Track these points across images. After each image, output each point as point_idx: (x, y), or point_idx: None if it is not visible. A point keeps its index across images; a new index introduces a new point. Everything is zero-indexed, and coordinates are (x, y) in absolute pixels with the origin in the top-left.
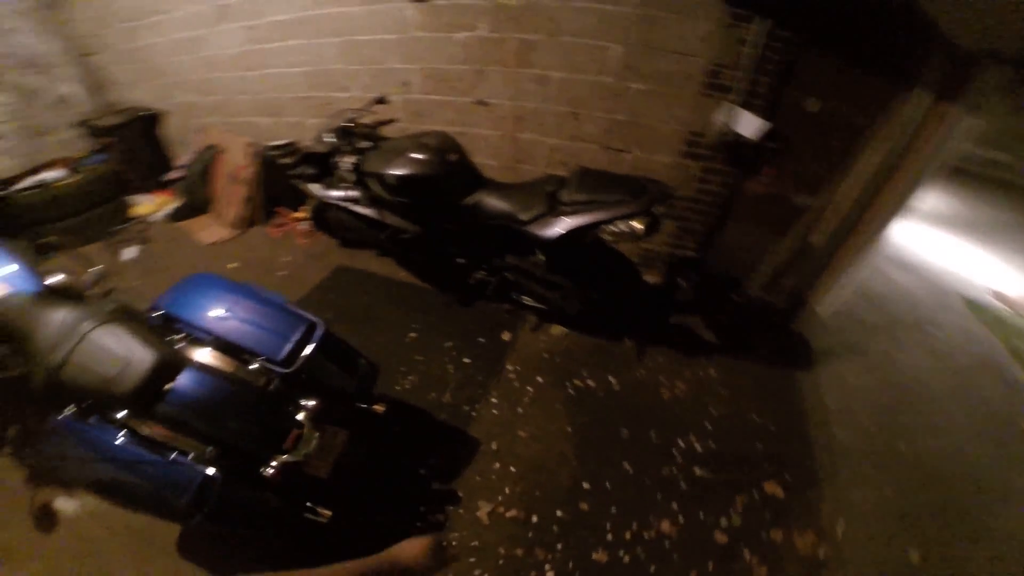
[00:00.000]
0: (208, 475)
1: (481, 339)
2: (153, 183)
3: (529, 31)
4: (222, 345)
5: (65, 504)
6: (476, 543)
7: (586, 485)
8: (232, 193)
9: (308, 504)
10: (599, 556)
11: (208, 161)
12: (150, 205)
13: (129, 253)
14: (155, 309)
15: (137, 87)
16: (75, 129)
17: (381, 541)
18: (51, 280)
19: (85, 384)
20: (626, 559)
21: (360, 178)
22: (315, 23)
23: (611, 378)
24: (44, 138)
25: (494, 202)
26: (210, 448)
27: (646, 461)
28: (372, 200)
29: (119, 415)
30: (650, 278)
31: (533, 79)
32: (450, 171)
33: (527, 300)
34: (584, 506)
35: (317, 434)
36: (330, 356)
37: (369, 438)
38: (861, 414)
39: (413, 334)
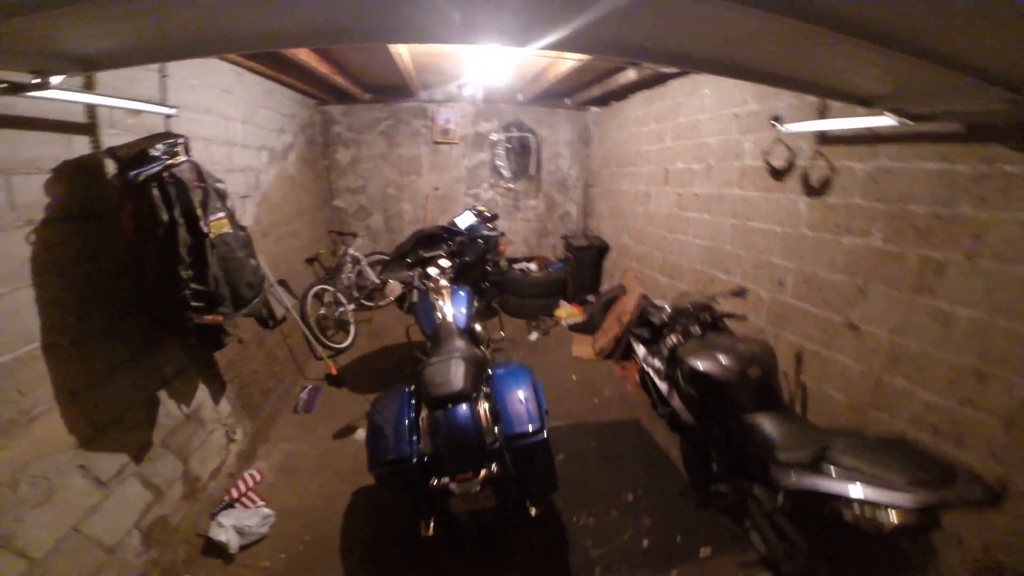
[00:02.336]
0: (408, 456)
1: (679, 537)
2: (579, 297)
3: (939, 248)
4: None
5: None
6: None
7: None
8: (611, 328)
9: (429, 514)
10: None
11: (612, 297)
12: (566, 312)
13: (532, 336)
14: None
15: (605, 221)
16: (559, 240)
17: None
18: (475, 326)
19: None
20: None
21: (672, 356)
22: (721, 201)
23: None
24: (544, 239)
25: (766, 428)
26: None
27: None
28: (669, 377)
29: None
30: None
31: (929, 312)
32: (743, 384)
33: (753, 536)
34: None
35: (479, 488)
36: (535, 458)
37: (504, 520)
38: None
39: (630, 496)
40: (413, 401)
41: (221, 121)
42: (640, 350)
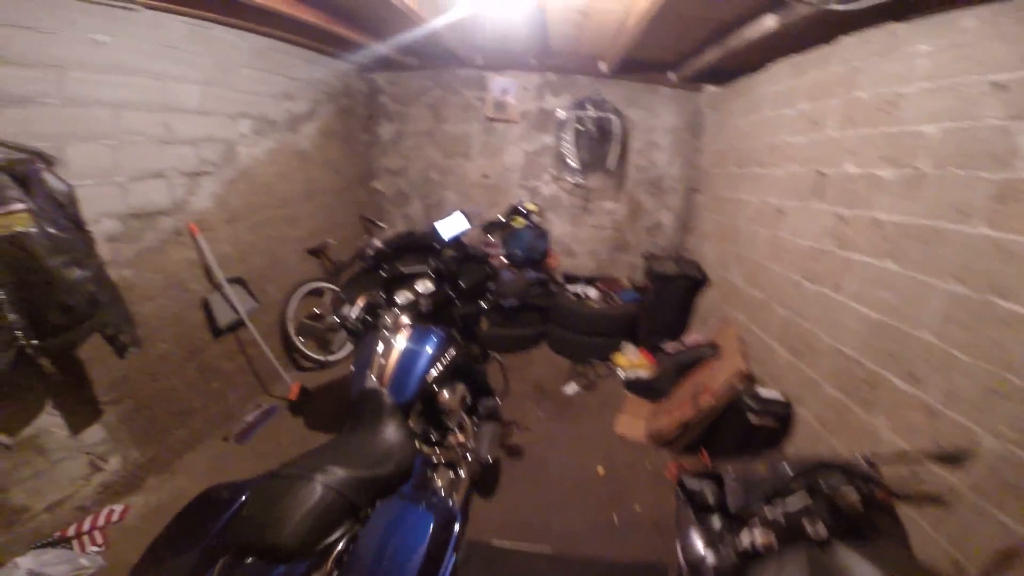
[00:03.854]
0: None
1: None
2: (652, 341)
3: None
4: None
5: None
6: None
7: None
8: (681, 404)
9: None
10: None
11: (696, 358)
12: (629, 360)
13: (570, 388)
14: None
15: (708, 242)
16: (641, 259)
17: None
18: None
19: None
20: None
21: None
22: (935, 243)
23: None
24: (621, 254)
25: None
26: None
27: None
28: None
29: None
30: None
31: None
32: None
33: None
34: None
35: None
36: None
37: None
38: None
39: None
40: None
41: (153, 83)
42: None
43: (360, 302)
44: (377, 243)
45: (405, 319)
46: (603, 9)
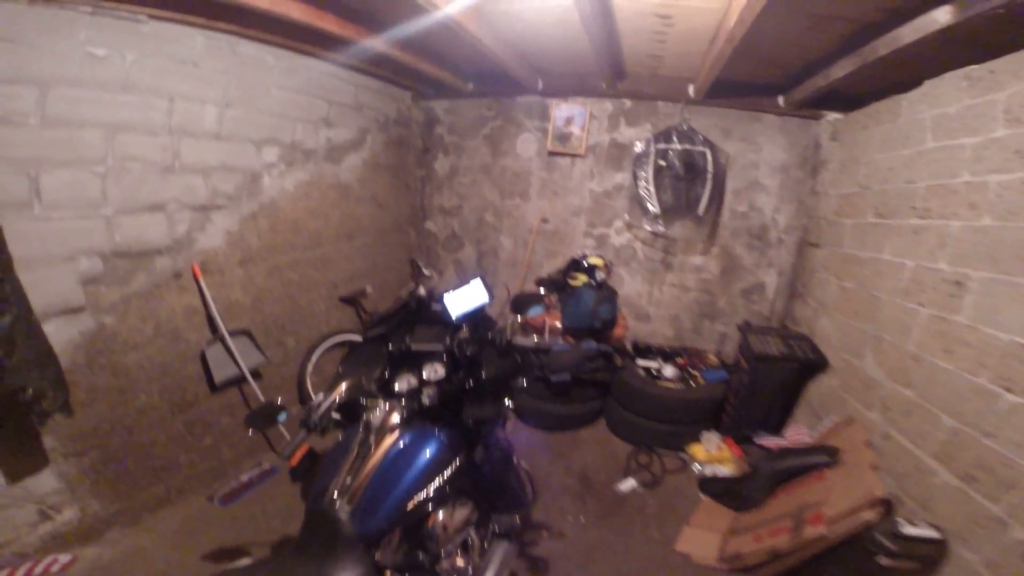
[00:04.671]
0: None
1: None
2: (742, 430)
3: None
4: None
5: None
6: None
7: None
8: (774, 526)
9: None
10: None
11: (804, 466)
12: (708, 452)
13: (626, 484)
14: None
15: (827, 314)
16: (735, 329)
17: None
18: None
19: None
20: None
21: None
22: None
23: None
24: (709, 322)
25: None
26: None
27: None
28: None
29: None
30: None
31: None
32: None
33: None
34: None
35: None
36: None
37: None
38: None
39: None
40: None
41: (158, 102)
42: None
43: (337, 391)
44: (421, 291)
45: (396, 417)
46: (692, 8)
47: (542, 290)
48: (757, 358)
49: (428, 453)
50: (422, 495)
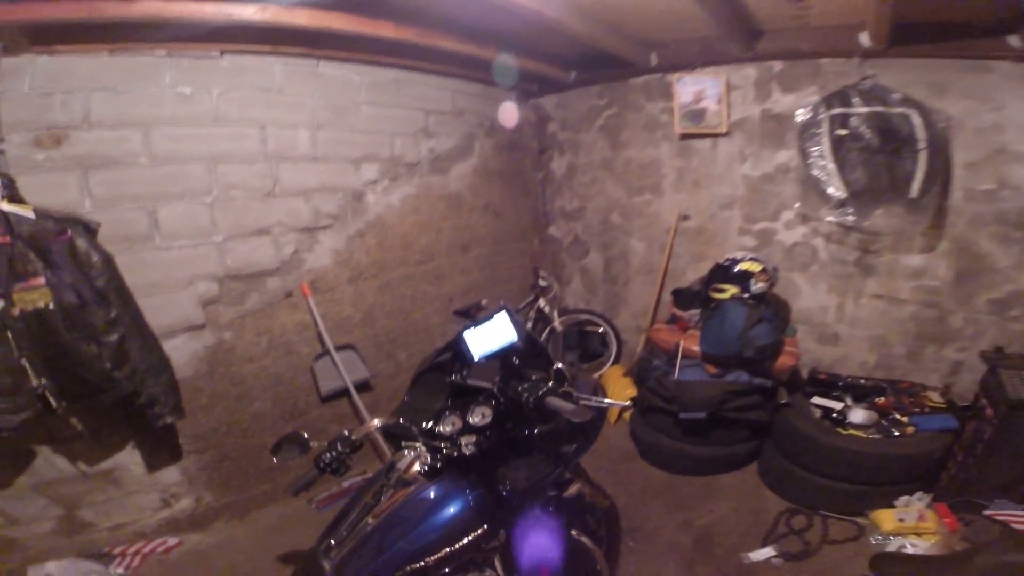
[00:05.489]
0: None
1: None
2: (965, 498)
3: None
4: None
5: None
6: None
7: None
8: None
9: None
10: None
11: None
12: (902, 522)
13: (760, 552)
14: None
15: None
16: (974, 357)
17: None
18: None
19: None
20: None
21: None
22: None
23: None
24: (930, 348)
25: None
26: None
27: None
28: None
29: None
30: None
31: None
32: None
33: None
34: None
35: None
36: None
37: None
38: None
39: None
40: None
41: (250, 131)
42: None
43: (363, 430)
44: (543, 305)
45: (418, 467)
46: None
47: (674, 308)
48: (1012, 405)
49: (449, 513)
50: (429, 560)
